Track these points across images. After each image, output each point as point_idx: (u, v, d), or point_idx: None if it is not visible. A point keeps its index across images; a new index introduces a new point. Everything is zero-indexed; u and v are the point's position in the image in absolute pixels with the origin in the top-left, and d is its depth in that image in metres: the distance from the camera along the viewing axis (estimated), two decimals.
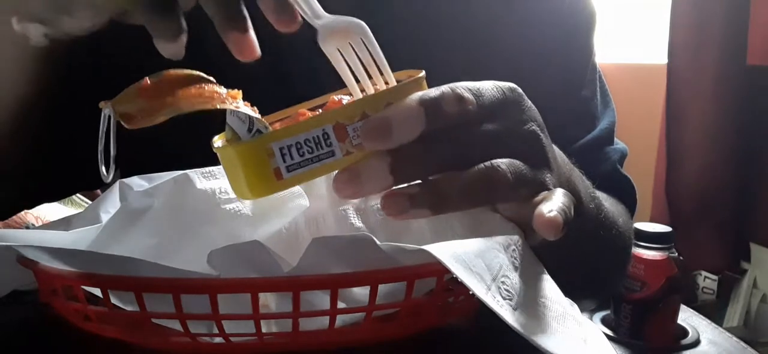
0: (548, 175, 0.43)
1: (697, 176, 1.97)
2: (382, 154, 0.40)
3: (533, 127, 0.44)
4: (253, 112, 0.40)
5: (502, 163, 0.41)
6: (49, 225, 0.49)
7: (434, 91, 0.41)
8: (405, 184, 0.41)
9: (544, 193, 0.42)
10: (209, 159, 0.44)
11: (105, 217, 0.49)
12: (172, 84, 0.39)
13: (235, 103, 0.39)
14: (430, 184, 0.40)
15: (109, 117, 0.38)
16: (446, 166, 0.41)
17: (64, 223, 0.49)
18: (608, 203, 0.62)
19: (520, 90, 0.44)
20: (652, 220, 1.93)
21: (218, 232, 0.47)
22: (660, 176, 2.03)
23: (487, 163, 0.40)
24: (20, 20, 0.43)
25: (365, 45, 0.42)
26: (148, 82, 0.39)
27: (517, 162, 0.41)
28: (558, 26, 0.70)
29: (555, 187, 0.43)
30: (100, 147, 0.40)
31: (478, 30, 0.68)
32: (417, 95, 0.40)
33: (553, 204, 0.40)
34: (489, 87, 0.43)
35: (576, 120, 0.70)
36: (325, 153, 0.39)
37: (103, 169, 0.40)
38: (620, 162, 0.72)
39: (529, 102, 0.44)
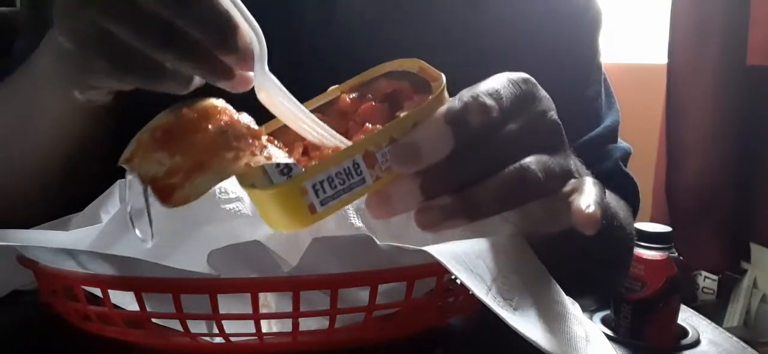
0: (571, 160, 0.44)
1: (697, 176, 1.97)
2: (413, 175, 0.40)
3: (553, 116, 0.44)
4: (283, 155, 0.40)
5: (531, 162, 0.41)
6: (49, 225, 0.49)
7: (458, 105, 0.40)
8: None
9: (573, 183, 0.42)
10: None
11: (105, 217, 0.49)
12: (188, 128, 0.40)
13: (264, 146, 0.40)
14: (463, 194, 0.40)
15: (132, 181, 0.39)
16: (476, 175, 0.40)
17: (63, 223, 0.49)
18: (609, 197, 0.61)
19: (532, 79, 0.44)
20: (652, 220, 1.93)
21: (218, 232, 0.47)
22: (660, 176, 2.03)
23: (516, 165, 0.40)
24: (83, 92, 0.46)
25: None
26: (163, 126, 0.39)
27: (543, 157, 0.41)
28: (564, 26, 0.70)
29: (575, 172, 0.43)
30: (128, 209, 0.40)
31: (484, 30, 0.68)
32: (442, 112, 0.40)
33: (588, 197, 0.40)
34: (505, 84, 0.42)
35: (580, 119, 0.70)
36: (357, 181, 0.40)
37: (138, 232, 0.40)
38: (623, 160, 0.72)
39: (542, 90, 0.44)
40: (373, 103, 0.43)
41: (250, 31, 0.41)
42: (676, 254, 0.87)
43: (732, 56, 1.91)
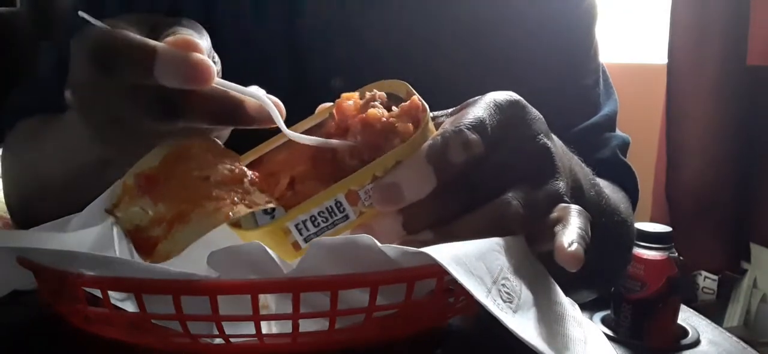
0: (560, 182, 0.43)
1: (697, 176, 1.97)
2: (395, 212, 0.40)
3: (541, 140, 0.43)
4: (264, 200, 0.41)
5: (513, 197, 0.40)
6: (48, 226, 0.49)
7: (441, 142, 0.40)
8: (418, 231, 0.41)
9: (560, 210, 0.42)
10: None
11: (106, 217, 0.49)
12: (172, 172, 0.40)
13: (246, 192, 0.40)
14: (443, 230, 0.40)
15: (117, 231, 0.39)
16: (458, 210, 0.40)
17: (63, 224, 0.49)
18: (609, 190, 0.61)
19: (521, 101, 0.43)
20: (652, 220, 1.93)
21: (218, 232, 0.47)
22: (660, 176, 2.03)
23: (498, 201, 0.40)
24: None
25: None
26: (146, 172, 0.40)
27: (527, 189, 0.41)
28: (558, 18, 0.70)
29: (566, 193, 0.43)
30: (117, 252, 0.41)
31: (481, 21, 0.68)
32: (425, 150, 0.40)
33: (571, 233, 0.39)
34: (491, 111, 0.42)
35: (577, 107, 0.70)
36: (340, 218, 0.40)
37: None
38: (622, 150, 0.72)
39: (532, 111, 0.44)
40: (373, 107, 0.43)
41: (254, 101, 0.42)
42: (676, 254, 0.87)
43: (732, 56, 1.91)
